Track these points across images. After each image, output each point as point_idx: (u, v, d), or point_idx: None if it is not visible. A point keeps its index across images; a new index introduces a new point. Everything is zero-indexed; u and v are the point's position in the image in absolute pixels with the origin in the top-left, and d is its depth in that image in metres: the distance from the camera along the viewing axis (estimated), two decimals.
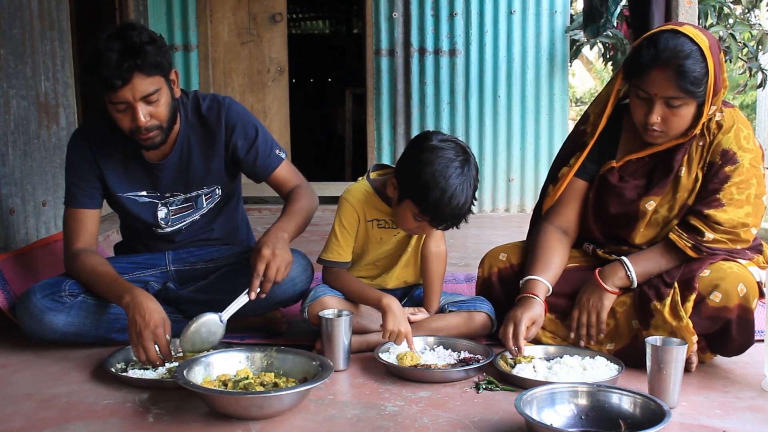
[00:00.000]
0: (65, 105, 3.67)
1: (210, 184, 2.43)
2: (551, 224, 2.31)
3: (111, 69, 2.05)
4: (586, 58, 10.91)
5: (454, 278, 3.29)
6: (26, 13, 3.28)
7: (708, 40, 2.01)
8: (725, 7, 5.77)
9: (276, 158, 2.42)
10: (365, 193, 2.29)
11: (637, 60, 2.03)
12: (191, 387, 1.76)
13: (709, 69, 1.99)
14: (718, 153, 2.09)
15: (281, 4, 5.91)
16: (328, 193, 6.08)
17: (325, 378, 1.83)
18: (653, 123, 2.05)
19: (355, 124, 7.26)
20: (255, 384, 1.83)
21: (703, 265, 2.06)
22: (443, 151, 2.07)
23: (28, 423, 1.75)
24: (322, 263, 2.34)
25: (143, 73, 2.09)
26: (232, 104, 2.39)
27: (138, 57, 2.07)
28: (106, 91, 2.09)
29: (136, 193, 2.39)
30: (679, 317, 2.00)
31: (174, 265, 2.50)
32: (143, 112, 2.13)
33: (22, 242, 3.18)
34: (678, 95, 1.99)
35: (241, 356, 2.00)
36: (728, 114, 2.12)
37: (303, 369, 1.94)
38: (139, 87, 2.10)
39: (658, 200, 2.16)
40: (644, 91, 2.03)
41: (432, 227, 2.15)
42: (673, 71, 1.97)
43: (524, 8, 5.76)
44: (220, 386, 1.86)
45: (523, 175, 5.89)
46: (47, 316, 2.20)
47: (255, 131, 2.39)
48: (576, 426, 1.70)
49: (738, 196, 2.07)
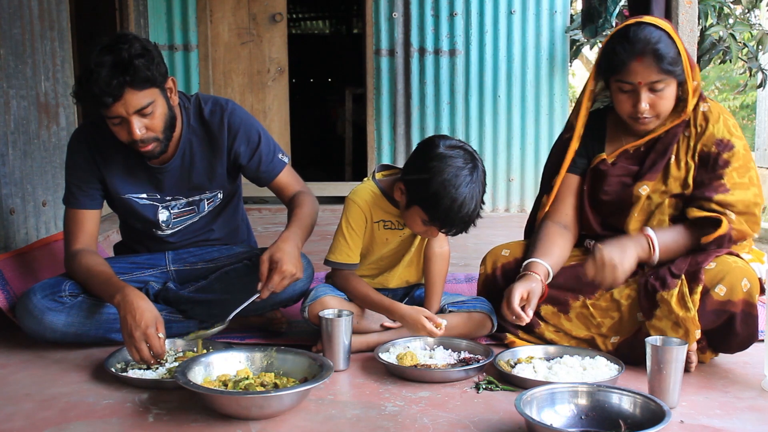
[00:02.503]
0: (65, 105, 3.66)
1: (213, 189, 2.43)
2: (551, 221, 2.35)
3: (101, 86, 2.04)
4: (586, 58, 10.89)
5: (454, 278, 3.29)
6: (26, 13, 3.28)
7: (668, 24, 2.15)
8: (725, 7, 5.77)
9: (279, 163, 2.41)
10: (372, 195, 2.28)
11: (613, 57, 2.13)
12: (191, 387, 1.76)
13: (679, 48, 2.11)
14: (713, 143, 2.17)
15: (281, 4, 5.91)
16: (328, 193, 6.09)
17: (325, 378, 1.83)
18: (643, 111, 2.14)
19: (355, 124, 7.26)
20: (255, 384, 1.83)
21: (709, 258, 2.07)
22: (452, 160, 2.07)
23: (28, 423, 1.75)
24: (330, 265, 2.33)
25: (134, 87, 2.08)
26: (234, 108, 2.38)
27: (127, 73, 2.06)
28: (99, 108, 2.09)
29: (137, 194, 2.38)
30: (687, 308, 2.01)
31: (174, 265, 2.50)
32: (138, 125, 2.12)
33: (22, 242, 3.18)
34: (660, 78, 2.10)
35: (241, 356, 1.99)
36: (713, 105, 2.22)
37: (303, 369, 1.94)
38: (132, 102, 2.09)
39: (651, 185, 2.22)
40: (628, 83, 2.12)
41: (441, 232, 2.17)
42: (650, 58, 2.08)
43: (524, 8, 5.77)
44: (221, 386, 1.85)
45: (523, 175, 5.90)
46: (47, 317, 2.20)
47: (258, 137, 2.38)
48: (576, 426, 1.70)
49: (740, 179, 2.14)
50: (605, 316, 2.21)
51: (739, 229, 2.11)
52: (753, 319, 2.03)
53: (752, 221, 2.14)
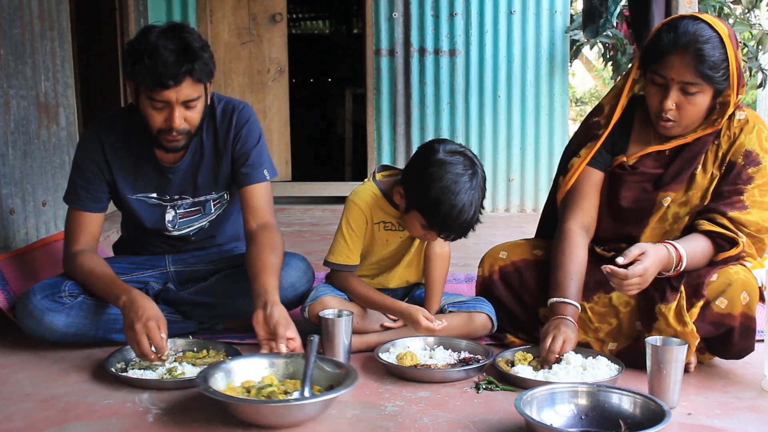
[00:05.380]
0: (65, 105, 3.66)
1: (219, 190, 2.42)
2: (575, 224, 2.21)
3: (166, 68, 2.02)
4: (586, 58, 10.90)
5: (454, 278, 3.29)
6: (26, 13, 3.28)
7: (727, 29, 2.01)
8: (725, 7, 5.77)
9: (260, 175, 2.34)
10: (373, 196, 2.28)
11: (656, 45, 2.01)
12: (210, 394, 1.70)
13: (729, 56, 1.98)
14: (741, 153, 2.08)
15: (281, 4, 5.91)
16: (328, 193, 6.09)
17: (350, 387, 1.75)
18: (668, 109, 2.02)
19: (355, 124, 7.26)
20: (278, 392, 1.76)
21: (711, 271, 2.04)
22: (452, 166, 2.06)
23: (28, 423, 1.75)
24: (329, 266, 2.33)
25: (194, 78, 2.08)
26: (244, 110, 2.37)
27: (195, 61, 2.06)
28: (152, 87, 2.06)
29: (145, 194, 2.37)
30: (684, 322, 1.99)
31: (174, 266, 2.50)
32: (180, 115, 2.12)
33: (22, 242, 3.17)
34: (695, 80, 1.98)
35: (264, 362, 1.92)
36: (750, 114, 2.11)
37: (329, 377, 1.86)
38: (186, 91, 2.09)
39: (673, 195, 2.13)
40: (661, 75, 2.02)
41: (440, 237, 2.16)
42: (691, 55, 1.96)
43: (524, 8, 5.76)
44: (244, 393, 1.79)
45: (523, 175, 5.89)
46: (47, 317, 2.20)
47: (256, 140, 2.37)
48: (576, 426, 1.70)
49: (761, 198, 2.06)
50: (603, 321, 2.19)
51: (748, 252, 2.07)
52: (751, 332, 2.02)
53: (759, 247, 2.08)
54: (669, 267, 2.00)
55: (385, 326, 2.29)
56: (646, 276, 1.93)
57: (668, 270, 2.01)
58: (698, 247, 2.04)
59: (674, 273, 2.02)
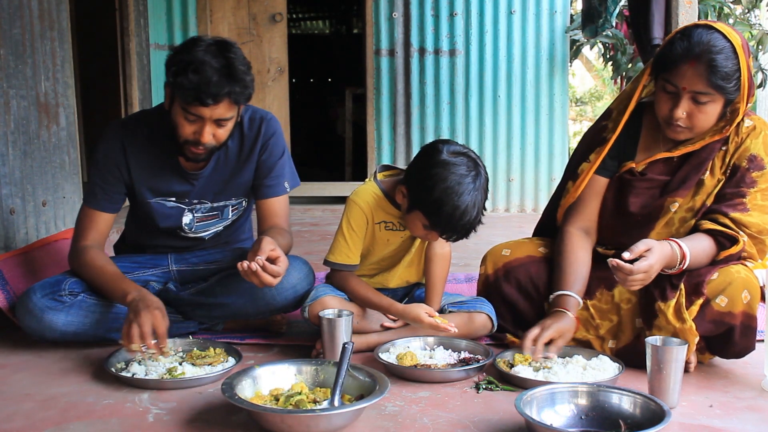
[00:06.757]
0: (65, 105, 3.66)
1: (238, 196, 2.44)
2: (574, 227, 2.26)
3: (209, 86, 2.03)
4: (586, 58, 10.91)
5: (454, 278, 3.29)
6: (26, 13, 3.28)
7: (740, 38, 2.01)
8: (725, 7, 5.78)
9: (281, 188, 2.41)
10: (374, 196, 2.28)
11: (669, 53, 2.01)
12: (235, 401, 1.66)
13: (741, 67, 1.98)
14: (746, 157, 2.09)
15: (281, 4, 5.91)
16: (328, 193, 6.09)
17: (381, 395, 1.70)
18: (678, 118, 2.02)
19: (355, 124, 7.27)
20: (307, 401, 1.72)
21: (712, 270, 2.04)
22: (455, 167, 2.06)
23: (28, 423, 1.75)
24: (329, 265, 2.33)
25: (231, 100, 2.09)
26: (272, 120, 2.39)
27: (236, 84, 2.07)
28: (190, 102, 2.07)
29: (164, 198, 2.38)
30: (683, 320, 1.99)
31: (176, 265, 2.50)
32: (210, 131, 2.14)
33: (22, 242, 3.18)
34: (707, 90, 1.98)
35: (292, 369, 1.90)
36: (757, 121, 2.12)
37: (360, 385, 1.81)
38: (221, 111, 2.10)
39: (681, 201, 2.14)
40: (673, 84, 2.01)
41: (441, 238, 2.17)
42: (704, 66, 1.95)
43: (524, 8, 5.77)
44: (272, 400, 1.76)
45: (522, 175, 5.90)
46: (47, 316, 2.20)
47: (281, 152, 2.40)
48: (576, 426, 1.70)
49: (762, 202, 2.07)
50: (604, 318, 2.20)
51: (749, 251, 2.07)
52: (752, 331, 2.02)
53: (760, 249, 2.08)
54: (672, 264, 2.00)
55: (385, 326, 2.29)
56: (651, 272, 1.93)
57: (671, 267, 2.01)
58: (701, 246, 2.05)
59: (677, 271, 2.02)
